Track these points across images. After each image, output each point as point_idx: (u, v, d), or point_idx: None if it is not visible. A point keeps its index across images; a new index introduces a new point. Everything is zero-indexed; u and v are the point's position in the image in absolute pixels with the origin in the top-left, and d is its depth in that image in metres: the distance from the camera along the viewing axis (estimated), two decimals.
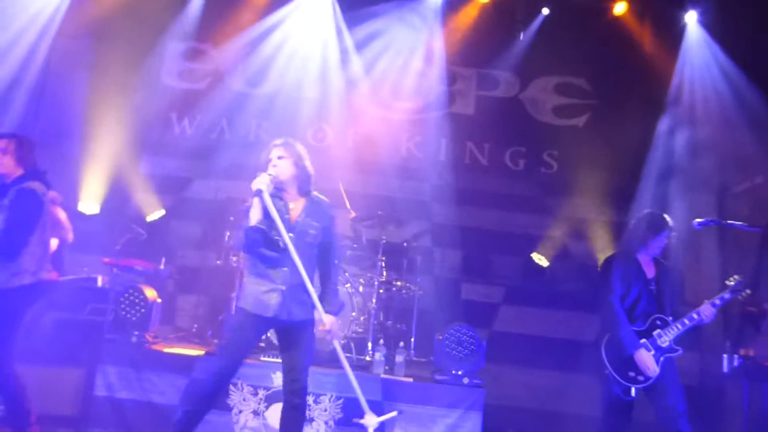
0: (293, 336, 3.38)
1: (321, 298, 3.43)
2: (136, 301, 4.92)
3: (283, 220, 3.31)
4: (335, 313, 3.47)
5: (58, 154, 6.43)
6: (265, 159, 3.44)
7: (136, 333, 4.85)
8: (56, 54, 6.53)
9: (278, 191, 3.42)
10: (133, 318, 4.89)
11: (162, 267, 5.60)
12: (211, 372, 3.32)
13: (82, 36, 6.72)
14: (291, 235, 3.33)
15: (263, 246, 3.30)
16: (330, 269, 3.51)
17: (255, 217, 3.29)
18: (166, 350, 4.79)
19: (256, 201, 3.29)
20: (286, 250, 3.28)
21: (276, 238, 3.30)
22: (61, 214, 4.91)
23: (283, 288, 3.33)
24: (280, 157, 3.41)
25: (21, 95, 6.32)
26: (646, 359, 3.76)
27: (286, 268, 3.33)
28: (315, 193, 3.55)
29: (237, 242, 3.48)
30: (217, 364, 3.35)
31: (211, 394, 3.34)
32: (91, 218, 6.40)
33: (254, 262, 3.39)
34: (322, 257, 3.50)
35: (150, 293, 5.00)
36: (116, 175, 6.54)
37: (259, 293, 3.35)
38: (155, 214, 6.52)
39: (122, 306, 4.93)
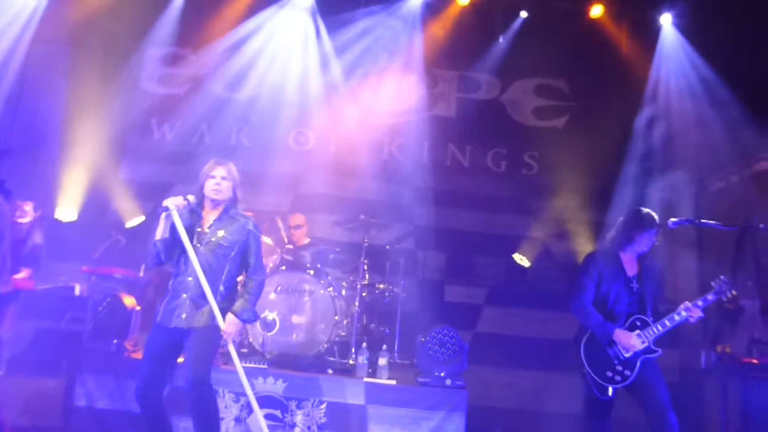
0: (191, 341, 3.40)
1: (231, 302, 3.48)
2: (115, 308, 4.87)
3: (195, 233, 3.47)
4: (244, 321, 3.50)
5: (36, 161, 6.38)
6: (205, 174, 3.54)
7: (116, 341, 4.79)
8: (33, 60, 6.46)
9: (197, 205, 3.53)
10: (112, 326, 4.83)
11: (141, 274, 5.55)
12: (139, 376, 3.44)
13: (59, 42, 6.67)
14: (198, 245, 3.44)
15: (165, 260, 3.48)
16: (246, 280, 3.55)
17: (159, 232, 3.45)
18: None
19: (163, 217, 3.43)
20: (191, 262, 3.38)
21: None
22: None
23: (185, 296, 3.42)
24: (223, 178, 3.53)
25: None
26: (626, 337, 3.75)
27: (190, 278, 3.42)
28: (237, 209, 3.61)
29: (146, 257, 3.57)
30: (140, 370, 3.46)
31: (142, 394, 3.40)
32: (68, 225, 6.34)
33: (171, 276, 3.52)
34: (240, 269, 3.56)
35: (129, 301, 4.95)
36: (95, 182, 6.49)
37: (168, 304, 3.47)
38: (135, 220, 6.46)
39: (101, 314, 4.87)
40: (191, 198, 3.50)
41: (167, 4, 6.67)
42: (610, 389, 3.79)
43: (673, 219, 3.86)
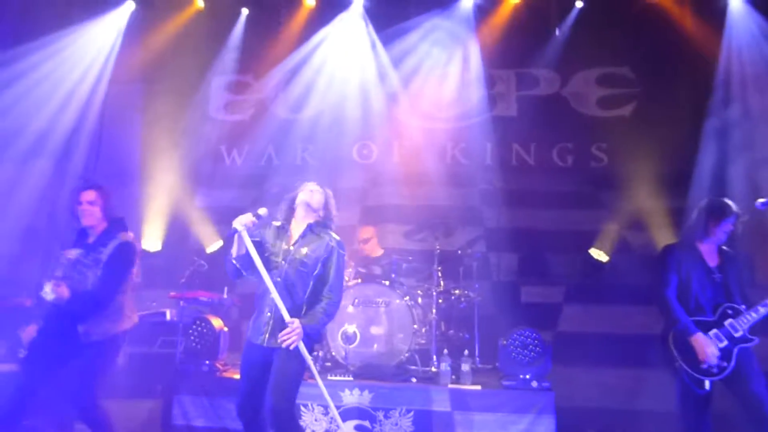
0: (276, 362, 3.40)
1: (303, 315, 3.46)
2: (204, 331, 5.09)
3: (281, 250, 3.51)
4: (309, 331, 3.41)
5: (119, 196, 6.77)
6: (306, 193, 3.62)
7: (207, 362, 5.00)
8: (110, 100, 6.90)
9: (286, 221, 3.59)
10: (203, 348, 5.05)
11: (225, 296, 5.78)
12: (238, 394, 3.53)
13: (133, 81, 7.09)
14: (283, 262, 3.47)
15: (246, 273, 3.50)
16: (320, 298, 3.50)
17: (234, 251, 3.48)
18: (237, 377, 4.91)
19: (235, 238, 3.45)
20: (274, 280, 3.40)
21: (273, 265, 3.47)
22: None
23: (269, 314, 3.45)
24: (314, 191, 3.63)
25: (82, 142, 6.73)
26: (704, 345, 3.62)
27: (272, 297, 3.43)
28: (323, 226, 3.63)
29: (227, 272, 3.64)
30: (239, 388, 3.54)
31: (241, 412, 3.49)
32: (154, 255, 6.68)
33: (257, 291, 3.57)
34: (319, 288, 3.52)
35: (216, 322, 5.16)
36: (175, 211, 6.81)
37: (255, 320, 3.53)
38: (214, 245, 6.74)
39: (191, 337, 5.10)
40: (263, 212, 3.50)
41: (227, 36, 7.00)
42: (707, 382, 3.65)
43: (761, 200, 3.68)
